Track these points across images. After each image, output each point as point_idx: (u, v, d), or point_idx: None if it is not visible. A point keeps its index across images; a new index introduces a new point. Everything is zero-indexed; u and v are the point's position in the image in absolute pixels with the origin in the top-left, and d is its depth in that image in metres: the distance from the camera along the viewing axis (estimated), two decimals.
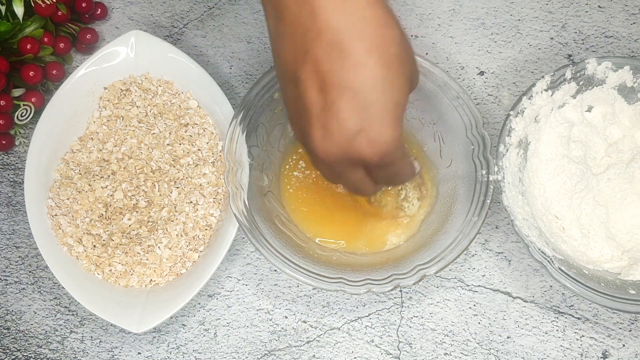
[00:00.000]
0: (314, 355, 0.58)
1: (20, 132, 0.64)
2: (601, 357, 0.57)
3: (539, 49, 0.66)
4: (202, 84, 0.61)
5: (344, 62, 0.40)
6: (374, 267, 0.54)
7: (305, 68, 0.41)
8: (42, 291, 0.61)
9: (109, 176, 0.60)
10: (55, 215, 0.58)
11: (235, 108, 0.58)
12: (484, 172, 0.55)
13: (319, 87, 0.40)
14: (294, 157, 0.60)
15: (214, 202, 0.59)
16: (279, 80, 0.46)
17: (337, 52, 0.40)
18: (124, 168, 0.60)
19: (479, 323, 0.58)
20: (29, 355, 0.59)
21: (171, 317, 0.56)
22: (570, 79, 0.57)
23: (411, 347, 0.58)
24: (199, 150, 0.60)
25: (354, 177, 0.45)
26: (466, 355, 0.58)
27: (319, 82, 0.40)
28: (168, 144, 0.60)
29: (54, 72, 0.63)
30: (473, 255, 0.60)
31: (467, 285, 0.59)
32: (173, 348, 0.59)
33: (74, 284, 0.56)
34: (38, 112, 0.61)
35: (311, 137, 0.42)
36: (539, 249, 0.53)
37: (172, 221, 0.58)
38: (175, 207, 0.59)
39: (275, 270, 0.60)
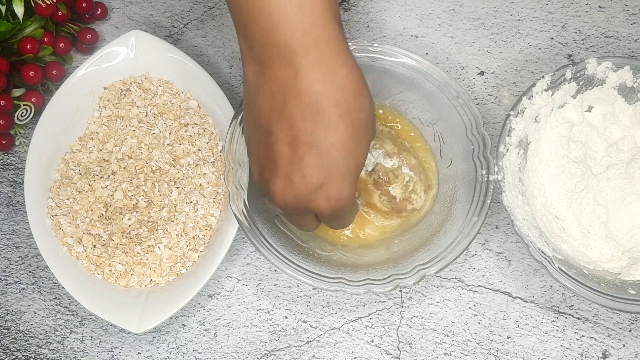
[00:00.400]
0: (314, 355, 0.58)
1: (20, 132, 0.64)
2: (601, 357, 0.57)
3: (539, 49, 0.66)
4: (202, 84, 0.61)
5: (318, 123, 0.43)
6: (374, 267, 0.54)
7: (279, 123, 0.44)
8: (42, 291, 0.61)
9: (109, 176, 0.60)
10: (55, 215, 0.58)
11: (235, 108, 0.58)
12: (484, 172, 0.55)
13: (290, 142, 0.43)
14: None
15: (214, 202, 0.59)
16: (246, 124, 0.48)
17: (312, 114, 0.43)
18: (124, 168, 0.60)
19: (479, 323, 0.58)
20: (29, 355, 0.59)
21: (171, 317, 0.56)
22: (570, 79, 0.57)
23: (411, 347, 0.58)
24: (199, 150, 0.60)
25: (302, 220, 0.49)
26: (466, 355, 0.58)
27: (290, 138, 0.43)
28: (168, 144, 0.60)
29: (54, 72, 0.63)
30: (473, 255, 0.60)
31: (467, 285, 0.59)
32: (173, 348, 0.59)
33: (74, 284, 0.56)
34: (38, 112, 0.61)
35: (272, 185, 0.45)
36: (539, 249, 0.53)
37: (172, 221, 0.58)
38: (175, 207, 0.59)
39: (275, 270, 0.60)
